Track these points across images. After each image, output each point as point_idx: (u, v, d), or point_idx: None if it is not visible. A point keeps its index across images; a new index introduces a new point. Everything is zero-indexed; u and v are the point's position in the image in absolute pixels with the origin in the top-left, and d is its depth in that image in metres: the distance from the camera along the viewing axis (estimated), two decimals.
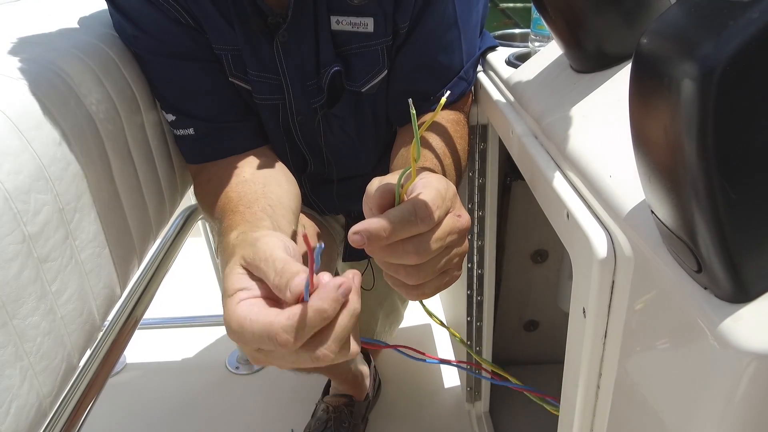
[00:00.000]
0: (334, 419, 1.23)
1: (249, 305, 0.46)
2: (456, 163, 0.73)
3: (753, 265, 0.28)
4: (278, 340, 0.42)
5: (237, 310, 0.45)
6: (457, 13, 0.73)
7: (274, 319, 0.43)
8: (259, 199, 0.66)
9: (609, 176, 0.43)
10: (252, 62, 0.75)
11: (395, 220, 0.46)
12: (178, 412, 1.37)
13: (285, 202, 0.68)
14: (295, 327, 0.42)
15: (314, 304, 0.42)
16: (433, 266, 0.50)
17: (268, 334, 0.43)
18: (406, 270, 0.49)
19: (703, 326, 0.30)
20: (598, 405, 0.46)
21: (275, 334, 0.42)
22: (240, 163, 0.76)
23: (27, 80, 0.61)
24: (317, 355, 0.43)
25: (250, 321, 0.44)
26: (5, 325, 0.51)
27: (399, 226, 0.46)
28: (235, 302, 0.46)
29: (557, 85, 0.60)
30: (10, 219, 0.52)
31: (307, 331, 0.43)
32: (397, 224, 0.46)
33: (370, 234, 0.46)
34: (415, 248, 0.48)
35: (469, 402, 1.18)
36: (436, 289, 0.53)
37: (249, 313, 0.44)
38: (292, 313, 0.43)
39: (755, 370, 0.28)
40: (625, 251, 0.39)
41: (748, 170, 0.26)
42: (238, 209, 0.64)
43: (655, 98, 0.27)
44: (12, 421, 0.52)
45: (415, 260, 0.48)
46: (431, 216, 0.47)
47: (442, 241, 0.49)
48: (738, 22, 0.23)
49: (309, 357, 0.44)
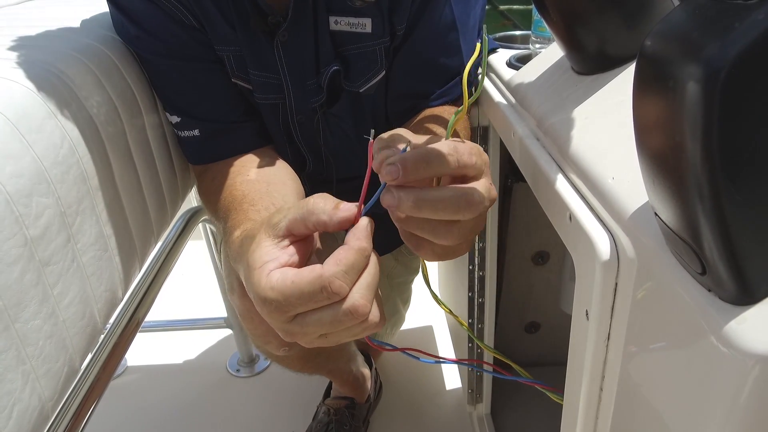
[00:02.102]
0: (335, 421, 1.23)
1: (282, 272, 0.44)
2: None
3: (758, 267, 0.28)
4: (333, 289, 0.41)
5: (271, 278, 0.43)
6: (455, 15, 0.74)
7: (321, 271, 0.41)
8: (263, 198, 0.66)
9: (611, 178, 0.43)
10: (252, 61, 0.75)
11: (433, 149, 0.42)
12: (179, 415, 1.37)
13: (290, 201, 0.68)
14: (345, 271, 0.41)
15: (354, 244, 0.42)
16: (468, 228, 0.46)
17: (321, 286, 0.41)
18: (448, 228, 0.44)
19: (707, 328, 0.30)
20: (601, 407, 0.46)
21: (328, 282, 0.41)
22: (245, 162, 0.76)
23: (28, 83, 0.61)
24: (356, 304, 0.42)
25: (292, 282, 0.42)
26: (7, 329, 0.51)
27: (437, 156, 0.42)
28: (265, 273, 0.44)
29: (559, 86, 0.60)
30: (12, 222, 0.52)
31: (355, 271, 0.42)
32: (435, 154, 0.42)
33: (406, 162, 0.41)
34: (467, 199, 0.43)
35: (470, 404, 1.18)
36: (458, 253, 0.49)
37: (285, 277, 0.42)
38: (337, 258, 0.42)
39: (760, 373, 0.28)
40: (628, 253, 0.39)
41: (753, 172, 0.26)
42: (242, 207, 0.64)
43: (660, 100, 0.27)
44: (14, 424, 0.52)
45: (463, 213, 0.43)
46: (470, 155, 0.44)
47: (485, 200, 0.44)
48: (743, 24, 0.23)
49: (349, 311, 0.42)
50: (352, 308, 0.42)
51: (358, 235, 0.43)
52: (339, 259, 0.42)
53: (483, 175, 0.46)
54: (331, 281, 0.41)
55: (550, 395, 0.59)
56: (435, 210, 0.43)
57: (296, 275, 0.42)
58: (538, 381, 0.62)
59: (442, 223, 0.44)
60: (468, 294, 1.00)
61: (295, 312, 0.43)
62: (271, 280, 0.43)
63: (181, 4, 0.71)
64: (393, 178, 0.42)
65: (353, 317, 0.42)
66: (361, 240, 0.43)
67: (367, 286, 0.43)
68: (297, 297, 0.42)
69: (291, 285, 0.42)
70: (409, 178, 0.42)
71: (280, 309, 0.43)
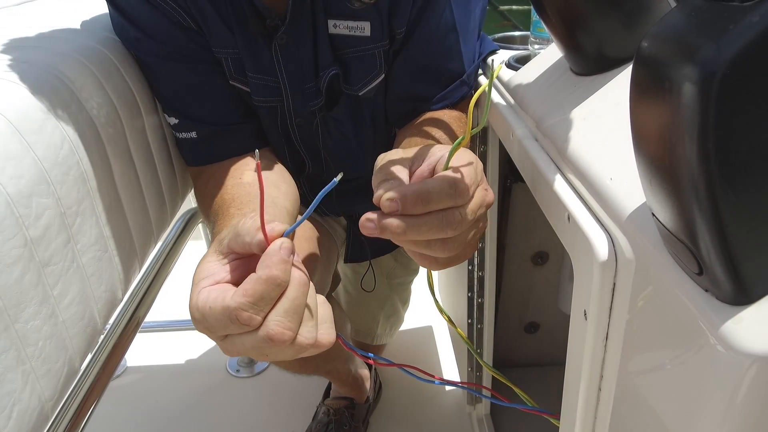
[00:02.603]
0: (334, 422, 1.23)
1: (208, 291, 0.44)
2: None
3: (754, 267, 0.28)
4: (241, 320, 0.40)
5: (198, 298, 0.44)
6: (455, 18, 0.74)
7: (228, 302, 0.41)
8: (252, 201, 0.65)
9: (609, 179, 0.43)
10: (250, 64, 0.75)
11: (434, 189, 0.44)
12: (179, 415, 1.37)
13: (280, 203, 0.68)
14: (252, 302, 0.40)
15: (262, 273, 0.41)
16: (465, 238, 0.48)
17: (229, 317, 0.41)
18: (442, 243, 0.46)
19: (704, 328, 0.30)
20: (600, 408, 0.46)
21: (235, 315, 0.40)
22: (239, 165, 0.76)
23: (28, 84, 0.61)
24: (270, 333, 0.41)
25: (209, 308, 0.42)
26: (7, 330, 0.51)
27: (437, 197, 0.44)
28: (196, 291, 0.44)
29: (557, 87, 0.61)
30: (12, 223, 0.53)
31: (266, 302, 0.41)
32: (435, 194, 0.44)
33: (406, 198, 0.43)
34: (454, 219, 0.45)
35: (470, 404, 1.18)
36: (461, 259, 0.51)
37: (207, 300, 0.43)
38: (244, 288, 0.41)
39: (757, 372, 0.28)
40: (626, 254, 0.39)
41: (749, 173, 0.26)
42: (229, 212, 0.64)
43: (656, 101, 0.28)
44: (14, 425, 0.52)
45: (452, 232, 0.46)
46: (468, 189, 0.46)
47: (474, 214, 0.47)
48: (738, 26, 0.24)
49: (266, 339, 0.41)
50: (267, 337, 0.41)
51: (267, 262, 0.41)
52: (246, 290, 0.41)
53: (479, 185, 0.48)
54: (238, 313, 0.41)
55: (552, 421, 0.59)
56: (419, 233, 0.44)
57: (213, 301, 0.42)
58: (537, 408, 0.62)
59: (435, 239, 0.46)
60: (467, 294, 1.00)
61: (221, 333, 0.43)
62: (198, 299, 0.43)
63: (180, 7, 0.71)
64: (391, 211, 0.43)
65: (273, 344, 0.41)
66: (270, 267, 0.41)
67: (284, 312, 0.42)
68: (213, 323, 0.42)
69: (208, 311, 0.42)
70: (407, 213, 0.44)
71: (207, 329, 0.44)
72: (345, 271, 1.23)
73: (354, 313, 1.26)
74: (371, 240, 0.47)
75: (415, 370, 0.60)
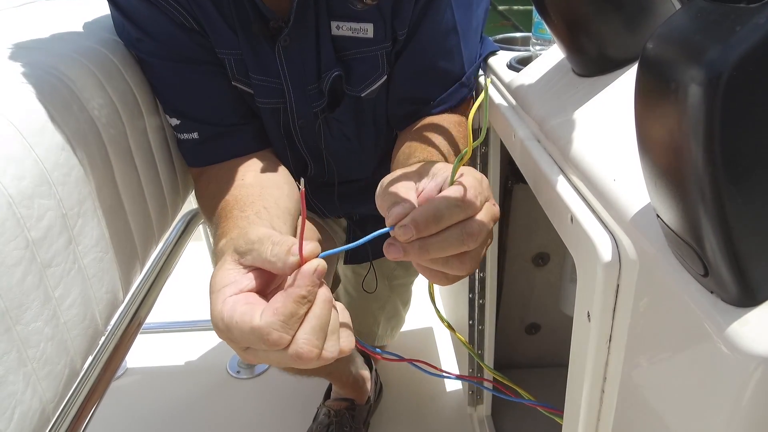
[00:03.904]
0: (335, 423, 1.23)
1: (234, 302, 0.44)
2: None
3: (760, 268, 0.28)
4: (270, 341, 0.41)
5: (223, 308, 0.44)
6: (455, 19, 0.74)
7: (260, 322, 0.41)
8: (255, 203, 0.65)
9: (613, 180, 0.43)
10: (254, 66, 0.75)
11: (442, 206, 0.45)
12: (180, 417, 1.37)
13: (282, 204, 0.68)
14: (282, 321, 0.41)
15: (294, 292, 0.41)
16: (480, 251, 0.48)
17: (259, 337, 0.41)
18: (459, 259, 0.47)
19: (709, 330, 0.30)
20: (603, 409, 0.46)
21: (266, 335, 0.41)
22: (241, 166, 0.76)
23: (30, 85, 0.61)
24: (300, 352, 0.42)
25: (236, 322, 0.43)
26: (9, 331, 0.51)
27: (448, 212, 0.45)
28: (220, 300, 0.45)
29: (559, 88, 0.61)
30: (14, 224, 0.52)
31: (295, 322, 0.41)
32: (445, 209, 0.45)
33: (418, 223, 0.44)
34: (468, 232, 0.46)
35: (471, 406, 1.18)
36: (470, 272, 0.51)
37: (234, 314, 0.43)
38: (275, 307, 0.41)
39: (762, 374, 0.28)
40: (630, 255, 0.39)
41: (755, 174, 0.26)
42: (232, 214, 0.64)
43: (662, 103, 0.27)
44: (15, 426, 0.52)
45: (473, 243, 0.46)
46: (475, 199, 0.46)
47: (486, 226, 0.47)
48: (745, 28, 0.24)
49: (294, 357, 0.42)
50: (296, 355, 0.42)
51: (300, 282, 0.42)
52: (276, 309, 0.41)
53: (488, 199, 0.49)
54: (268, 333, 0.41)
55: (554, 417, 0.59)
56: (442, 250, 0.45)
57: (240, 317, 0.43)
58: (541, 403, 0.62)
59: (453, 256, 0.46)
60: (469, 295, 1.00)
61: (245, 346, 0.44)
62: (224, 309, 0.44)
63: (182, 7, 0.71)
64: (407, 238, 0.45)
65: (301, 361, 0.42)
66: (301, 288, 0.42)
67: (311, 330, 0.42)
68: (239, 336, 0.43)
69: (235, 325, 0.43)
70: (422, 236, 0.45)
71: (230, 339, 0.44)
72: (345, 272, 1.23)
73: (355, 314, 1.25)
74: (372, 241, 0.48)
75: (423, 364, 0.61)
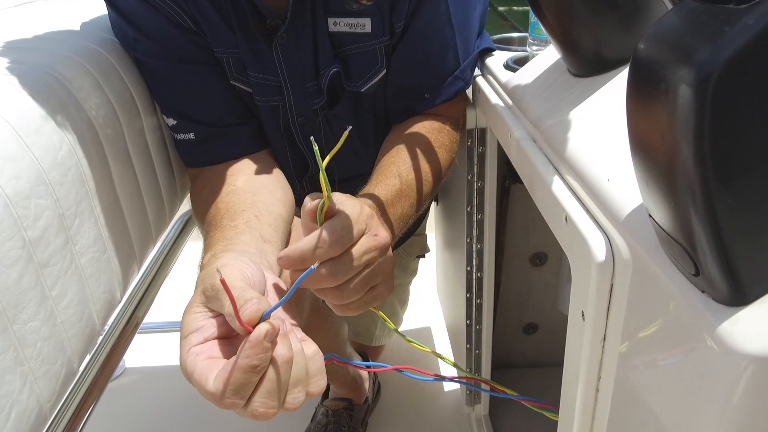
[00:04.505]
0: (333, 423, 1.23)
1: (195, 356, 0.45)
2: (434, 172, 0.74)
3: (750, 268, 0.28)
4: (224, 406, 0.43)
5: (187, 360, 0.46)
6: (450, 12, 0.74)
7: (212, 387, 0.43)
8: (246, 210, 0.65)
9: (607, 180, 0.43)
10: (251, 64, 0.75)
11: (306, 247, 0.51)
12: (177, 416, 1.37)
13: (274, 211, 0.68)
14: (233, 390, 0.42)
15: (242, 363, 0.42)
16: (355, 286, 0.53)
17: (215, 400, 0.43)
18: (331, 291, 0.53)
19: (701, 329, 0.31)
20: (598, 408, 0.46)
21: (219, 401, 0.42)
22: (235, 169, 0.76)
23: (27, 85, 0.61)
24: (254, 414, 0.43)
25: (195, 380, 0.44)
26: (5, 331, 0.51)
27: (308, 254, 0.50)
28: (186, 349, 0.46)
29: (555, 89, 0.61)
30: (11, 224, 0.53)
31: (247, 389, 0.42)
32: (307, 251, 0.50)
33: (288, 259, 0.51)
34: (330, 272, 0.51)
35: (468, 405, 1.18)
36: (363, 305, 0.56)
37: (194, 370, 0.45)
38: (223, 378, 0.42)
39: (753, 373, 0.28)
40: (624, 255, 0.39)
41: (745, 174, 0.26)
42: (222, 223, 0.64)
43: (652, 103, 0.28)
44: (12, 426, 0.52)
45: (332, 282, 0.52)
46: (339, 241, 0.51)
47: (357, 261, 0.52)
48: (734, 29, 0.24)
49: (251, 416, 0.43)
50: (251, 416, 0.43)
51: (248, 352, 0.41)
52: (225, 380, 0.42)
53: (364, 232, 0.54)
54: (221, 400, 0.42)
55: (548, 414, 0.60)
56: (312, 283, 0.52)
57: (199, 376, 0.44)
58: (535, 399, 0.63)
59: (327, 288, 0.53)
60: (466, 295, 1.00)
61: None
62: (187, 361, 0.45)
63: (179, 7, 0.71)
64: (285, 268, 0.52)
65: (258, 420, 0.44)
66: (251, 358, 0.41)
67: (267, 393, 0.43)
68: (202, 394, 0.44)
69: (195, 383, 0.44)
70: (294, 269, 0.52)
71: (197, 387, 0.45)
72: None
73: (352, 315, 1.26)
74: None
75: (411, 370, 0.61)
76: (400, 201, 0.68)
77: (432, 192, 0.75)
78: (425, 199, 0.73)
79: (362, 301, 0.55)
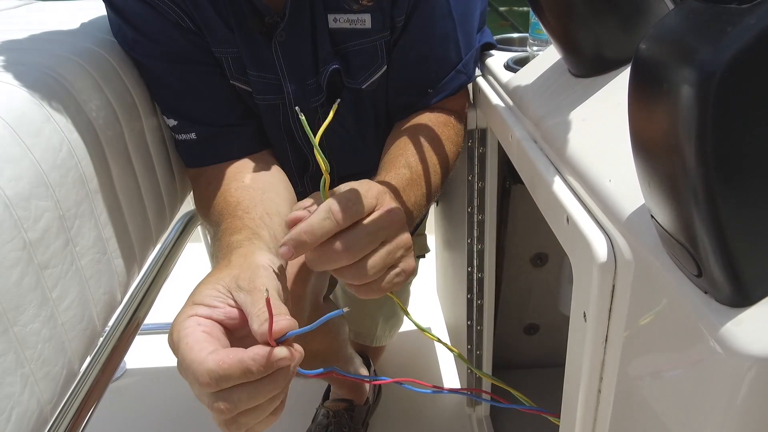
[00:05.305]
0: (334, 424, 1.23)
1: (196, 324, 0.45)
2: (442, 164, 0.73)
3: (753, 269, 0.28)
4: (199, 381, 0.42)
5: (185, 322, 0.46)
6: (450, 5, 0.74)
7: (204, 358, 0.43)
8: (257, 206, 0.66)
9: (608, 180, 0.43)
10: (251, 62, 0.75)
11: (313, 221, 0.48)
12: (178, 418, 1.37)
13: (283, 212, 0.68)
14: (219, 376, 0.42)
15: (247, 361, 0.42)
16: (373, 262, 0.50)
17: (194, 373, 0.43)
18: (349, 270, 0.50)
19: (703, 330, 0.30)
20: (600, 409, 0.46)
21: (199, 374, 0.42)
22: (240, 167, 0.76)
23: (27, 87, 0.61)
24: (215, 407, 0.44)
25: (185, 344, 0.44)
26: (6, 333, 0.51)
27: (318, 226, 0.48)
28: (189, 313, 0.46)
29: (556, 89, 0.61)
30: (11, 226, 0.53)
31: (228, 383, 0.43)
32: (315, 224, 0.48)
33: (294, 241, 0.48)
34: (344, 245, 0.48)
35: (469, 406, 1.18)
36: (387, 285, 0.54)
37: (190, 335, 0.44)
38: (222, 360, 0.42)
39: (756, 374, 0.28)
40: (626, 255, 0.39)
41: (747, 174, 0.26)
42: (236, 213, 0.64)
43: (654, 104, 0.28)
44: (13, 428, 0.52)
45: (348, 258, 0.49)
46: (347, 211, 0.48)
47: (372, 236, 0.50)
48: (736, 28, 0.24)
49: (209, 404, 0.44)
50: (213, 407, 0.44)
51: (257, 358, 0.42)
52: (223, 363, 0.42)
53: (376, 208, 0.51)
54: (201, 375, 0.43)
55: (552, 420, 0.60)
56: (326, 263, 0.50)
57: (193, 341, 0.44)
58: (537, 408, 0.62)
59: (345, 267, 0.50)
60: (467, 296, 1.00)
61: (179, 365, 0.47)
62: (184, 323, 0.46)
63: (178, 7, 0.71)
64: (289, 257, 0.49)
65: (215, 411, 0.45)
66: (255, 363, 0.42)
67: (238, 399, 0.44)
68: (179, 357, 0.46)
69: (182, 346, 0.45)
70: (301, 254, 0.49)
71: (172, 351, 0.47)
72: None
73: (353, 315, 1.26)
74: None
75: (411, 382, 0.61)
76: (412, 189, 0.67)
77: (441, 184, 0.74)
78: (435, 191, 0.72)
79: (383, 281, 0.53)
